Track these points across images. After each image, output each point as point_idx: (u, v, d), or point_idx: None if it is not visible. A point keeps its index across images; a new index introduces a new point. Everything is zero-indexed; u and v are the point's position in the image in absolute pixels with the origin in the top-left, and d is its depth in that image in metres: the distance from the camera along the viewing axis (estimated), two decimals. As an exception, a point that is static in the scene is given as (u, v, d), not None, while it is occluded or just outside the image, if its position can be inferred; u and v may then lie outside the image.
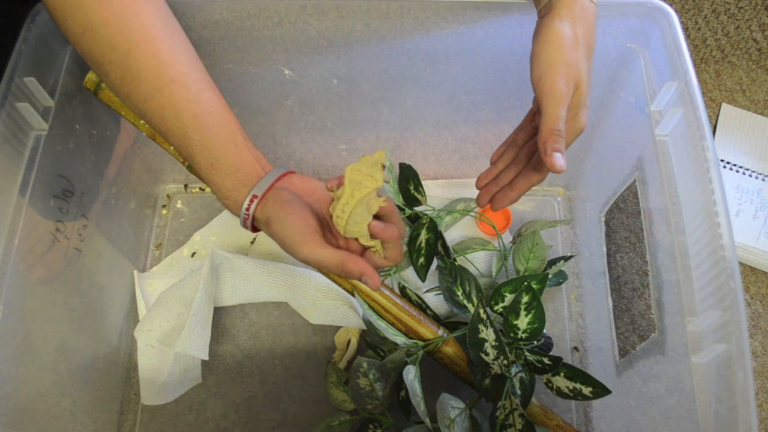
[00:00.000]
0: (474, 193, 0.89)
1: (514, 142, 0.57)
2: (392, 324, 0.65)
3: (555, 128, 0.46)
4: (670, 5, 0.60)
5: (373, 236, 0.48)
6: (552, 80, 0.46)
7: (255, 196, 0.47)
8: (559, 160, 0.47)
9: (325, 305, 0.75)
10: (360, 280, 0.46)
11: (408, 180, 0.74)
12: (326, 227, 0.49)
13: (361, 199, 0.46)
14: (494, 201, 0.58)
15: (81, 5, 0.44)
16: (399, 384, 0.65)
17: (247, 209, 0.48)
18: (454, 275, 0.67)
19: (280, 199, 0.47)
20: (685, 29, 0.96)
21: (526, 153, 0.56)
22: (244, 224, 0.49)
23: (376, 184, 0.46)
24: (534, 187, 0.88)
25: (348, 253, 0.46)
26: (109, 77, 0.47)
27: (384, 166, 0.47)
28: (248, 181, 0.48)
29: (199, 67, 0.48)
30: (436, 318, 0.70)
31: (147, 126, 0.63)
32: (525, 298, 0.58)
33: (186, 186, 0.89)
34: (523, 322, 0.59)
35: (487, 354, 0.60)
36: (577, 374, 0.59)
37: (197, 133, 0.47)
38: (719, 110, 0.98)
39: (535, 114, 0.54)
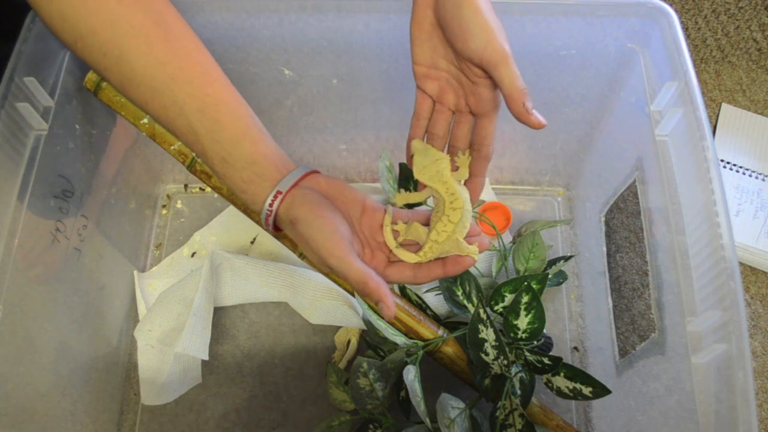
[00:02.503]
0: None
1: (434, 135, 0.52)
2: (392, 324, 0.65)
3: (522, 87, 0.46)
4: (670, 5, 0.60)
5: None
6: (499, 44, 0.45)
7: (279, 192, 0.46)
8: (540, 115, 0.46)
9: (325, 305, 0.75)
10: (376, 304, 0.45)
11: (408, 180, 0.74)
12: (354, 233, 0.48)
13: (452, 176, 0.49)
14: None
15: (66, 17, 0.43)
16: (399, 384, 0.65)
17: (271, 205, 0.46)
18: (454, 276, 0.67)
19: (308, 200, 0.45)
20: (685, 29, 0.96)
21: (463, 139, 0.52)
22: (265, 221, 0.47)
23: (446, 157, 0.49)
24: (534, 187, 0.90)
25: (373, 273, 0.44)
26: (111, 82, 0.46)
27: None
28: (268, 175, 0.46)
29: (202, 60, 0.46)
30: (436, 318, 0.70)
31: (147, 126, 0.63)
32: (525, 298, 0.58)
33: (186, 186, 0.89)
34: (523, 322, 0.59)
35: (487, 354, 0.60)
36: (577, 374, 0.59)
37: (204, 128, 0.45)
38: (719, 110, 0.98)
39: (439, 95, 0.51)
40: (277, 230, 0.49)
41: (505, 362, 0.59)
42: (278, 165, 0.47)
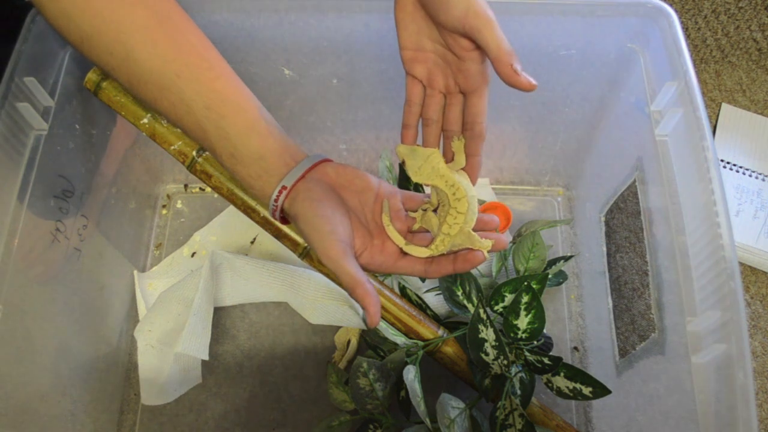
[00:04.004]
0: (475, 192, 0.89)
1: (428, 121, 0.51)
2: (392, 324, 0.65)
3: (508, 49, 0.44)
4: (670, 5, 0.60)
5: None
6: (480, 8, 0.45)
7: (284, 188, 0.46)
8: (530, 77, 0.45)
9: (325, 305, 0.75)
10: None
11: (408, 180, 0.74)
12: (361, 226, 0.48)
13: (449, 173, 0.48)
14: None
15: (72, 18, 0.43)
16: (399, 384, 0.65)
17: (276, 200, 0.46)
18: (454, 275, 0.67)
19: (310, 196, 0.46)
20: (685, 29, 0.96)
21: (456, 122, 0.51)
22: (272, 215, 0.48)
23: (435, 151, 0.49)
24: (534, 187, 0.90)
25: (364, 280, 0.44)
26: (119, 81, 0.46)
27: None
28: (275, 170, 0.46)
29: (208, 56, 0.46)
30: (436, 318, 0.70)
31: (147, 126, 0.63)
32: (525, 298, 0.58)
33: (186, 186, 0.89)
34: (523, 322, 0.59)
35: (487, 354, 0.60)
36: (577, 374, 0.59)
37: (211, 124, 0.45)
38: (719, 110, 0.97)
39: (428, 78, 0.50)
40: (285, 222, 0.49)
41: (505, 362, 0.59)
42: (286, 158, 0.47)
